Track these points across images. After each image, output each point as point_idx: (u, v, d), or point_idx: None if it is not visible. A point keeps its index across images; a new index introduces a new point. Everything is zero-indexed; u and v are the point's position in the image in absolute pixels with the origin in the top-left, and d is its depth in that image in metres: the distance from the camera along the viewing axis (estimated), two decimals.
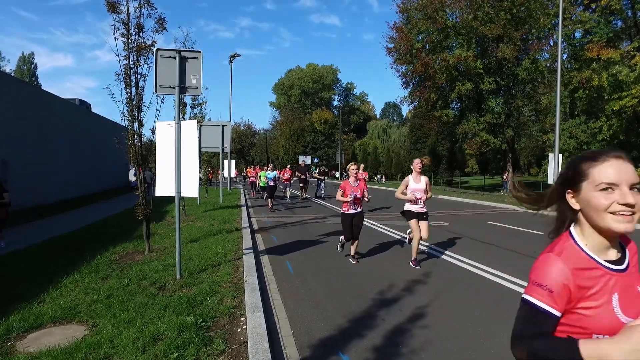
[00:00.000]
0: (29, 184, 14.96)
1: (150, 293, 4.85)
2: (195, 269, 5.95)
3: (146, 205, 7.17)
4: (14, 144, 14.39)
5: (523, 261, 6.93)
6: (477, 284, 5.55)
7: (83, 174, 20.97)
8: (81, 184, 20.67)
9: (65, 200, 17.69)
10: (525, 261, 6.92)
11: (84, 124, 22.05)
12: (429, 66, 27.53)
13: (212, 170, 32.33)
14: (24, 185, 14.33)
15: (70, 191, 19.06)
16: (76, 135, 20.41)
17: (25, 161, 14.98)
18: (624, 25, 26.41)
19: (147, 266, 6.21)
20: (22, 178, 14.38)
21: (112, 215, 13.10)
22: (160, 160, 5.51)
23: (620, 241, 1.20)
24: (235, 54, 25.60)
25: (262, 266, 6.43)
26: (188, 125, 5.45)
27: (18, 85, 16.32)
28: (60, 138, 18.37)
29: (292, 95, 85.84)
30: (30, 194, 15.02)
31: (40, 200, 15.76)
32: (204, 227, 10.28)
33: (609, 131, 24.21)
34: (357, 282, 5.57)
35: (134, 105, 6.85)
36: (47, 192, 16.64)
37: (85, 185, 21.28)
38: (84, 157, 21.13)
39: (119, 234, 9.17)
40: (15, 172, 14.04)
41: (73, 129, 20.11)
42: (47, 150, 16.92)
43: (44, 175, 16.49)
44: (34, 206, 14.90)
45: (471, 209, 16.50)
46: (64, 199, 17.94)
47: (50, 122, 17.36)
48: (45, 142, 16.80)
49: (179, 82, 5.40)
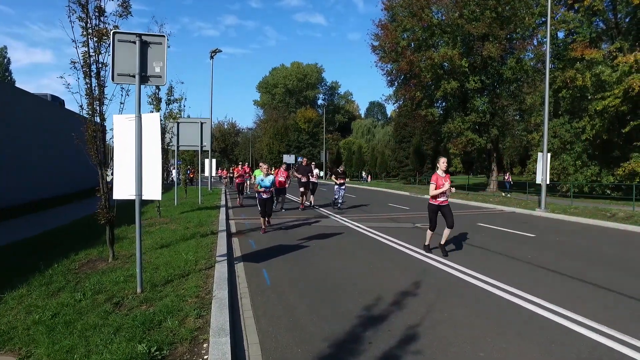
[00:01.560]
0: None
1: (104, 311, 4.21)
2: (160, 280, 5.31)
3: (109, 207, 6.51)
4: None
5: (517, 267, 6.50)
6: (471, 294, 5.07)
7: (56, 174, 19.90)
8: (54, 183, 19.61)
9: (36, 201, 16.67)
10: (519, 267, 6.49)
11: (57, 121, 20.94)
12: (414, 64, 27.22)
13: (194, 169, 31.42)
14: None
15: (42, 191, 18.02)
16: (48, 132, 19.33)
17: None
18: (604, 26, 26.55)
19: (107, 277, 5.54)
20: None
21: (85, 216, 12.23)
22: (119, 159, 4.85)
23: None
24: (217, 49, 24.81)
25: (236, 276, 5.82)
26: (150, 119, 4.81)
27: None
28: (29, 136, 17.31)
29: (276, 93, 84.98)
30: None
31: (7, 202, 14.76)
32: (178, 230, 9.60)
33: (592, 131, 24.27)
34: (341, 295, 5.01)
35: (95, 98, 6.18)
36: (14, 193, 15.62)
37: (59, 185, 20.21)
38: (57, 155, 20.05)
39: (86, 237, 8.41)
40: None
41: (44, 125, 19.03)
42: (14, 148, 15.89)
43: (11, 174, 15.47)
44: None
45: (458, 209, 16.14)
46: (34, 200, 16.92)
47: (16, 118, 16.32)
48: (10, 140, 15.77)
49: (139, 69, 4.76)
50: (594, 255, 7.62)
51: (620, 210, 15.29)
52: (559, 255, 7.49)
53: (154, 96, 12.02)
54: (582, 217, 13.19)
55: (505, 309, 4.55)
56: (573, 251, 7.94)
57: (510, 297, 4.93)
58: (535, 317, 4.32)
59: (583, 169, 25.35)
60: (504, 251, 7.75)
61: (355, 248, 8.01)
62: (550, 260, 7.04)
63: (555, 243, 8.81)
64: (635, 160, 22.79)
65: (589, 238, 9.71)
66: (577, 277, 5.89)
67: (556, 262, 6.86)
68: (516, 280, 5.65)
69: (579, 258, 7.32)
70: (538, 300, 4.80)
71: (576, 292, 5.20)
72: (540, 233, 10.05)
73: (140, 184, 4.81)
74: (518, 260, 7.02)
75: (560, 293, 5.13)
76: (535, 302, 4.76)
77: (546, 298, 4.87)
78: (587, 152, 25.29)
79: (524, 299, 4.85)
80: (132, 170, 4.79)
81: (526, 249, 8.05)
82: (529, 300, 4.81)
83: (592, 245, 8.72)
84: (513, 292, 5.14)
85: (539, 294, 5.04)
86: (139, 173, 4.78)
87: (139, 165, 4.77)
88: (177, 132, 15.46)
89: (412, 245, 8.18)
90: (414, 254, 7.49)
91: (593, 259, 7.26)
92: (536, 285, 5.42)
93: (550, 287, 5.42)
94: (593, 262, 7.04)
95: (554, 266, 6.54)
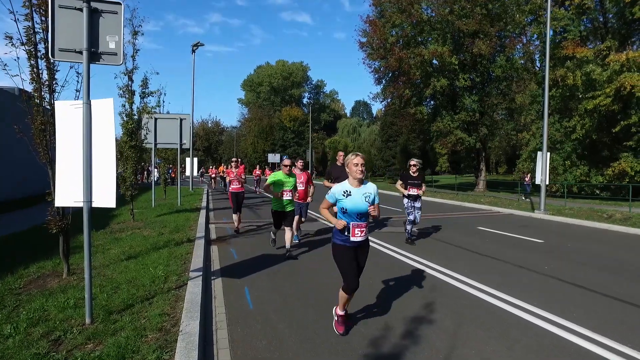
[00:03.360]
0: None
1: (34, 355, 3.23)
2: (118, 304, 4.34)
3: (63, 214, 5.49)
4: None
5: (539, 282, 5.71)
6: (499, 321, 4.25)
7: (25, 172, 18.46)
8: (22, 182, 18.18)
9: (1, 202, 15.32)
10: (541, 282, 5.71)
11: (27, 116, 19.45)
12: (403, 61, 26.51)
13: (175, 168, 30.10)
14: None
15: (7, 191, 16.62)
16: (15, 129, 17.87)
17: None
18: (591, 26, 26.33)
19: (54, 299, 4.54)
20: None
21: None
22: (62, 157, 3.86)
23: None
24: (198, 42, 23.65)
25: (212, 297, 4.87)
26: (102, 107, 3.83)
27: None
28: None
29: (261, 92, 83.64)
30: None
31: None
32: (151, 236, 8.57)
33: (582, 130, 23.99)
34: None
35: (43, 84, 5.16)
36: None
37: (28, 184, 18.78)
38: (28, 153, 18.58)
39: (46, 246, 7.28)
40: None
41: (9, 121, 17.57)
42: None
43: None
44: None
45: (451, 211, 15.46)
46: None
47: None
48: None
49: (88, 44, 3.78)
50: (613, 265, 6.91)
51: (617, 211, 14.84)
52: (579, 266, 6.75)
53: (126, 88, 10.87)
54: (580, 218, 12.66)
55: (548, 344, 3.74)
56: (592, 261, 7.18)
57: (547, 326, 4.12)
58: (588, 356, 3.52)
59: (572, 168, 25.08)
60: (517, 261, 6.98)
61: None
62: (572, 272, 6.29)
63: (568, 250, 8.10)
64: (625, 160, 22.56)
65: (601, 243, 9.06)
66: (613, 296, 5.14)
67: (579, 275, 6.11)
68: (542, 300, 4.86)
69: (604, 269, 6.59)
70: (583, 331, 4.00)
71: (622, 319, 4.42)
72: (548, 238, 9.35)
73: (90, 188, 3.84)
74: (537, 272, 6.24)
75: (603, 318, 4.36)
76: (580, 333, 3.97)
77: (586, 325, 4.09)
78: (577, 152, 25.01)
79: (562, 327, 4.06)
80: (80, 171, 3.82)
81: (539, 257, 7.30)
82: (570, 330, 4.01)
83: (608, 252, 8.05)
84: (545, 316, 4.34)
85: (575, 319, 4.26)
86: (87, 174, 3.80)
87: (87, 164, 3.79)
88: (154, 129, 14.35)
89: (412, 254, 7.36)
90: (416, 264, 6.66)
91: (618, 270, 6.53)
92: (568, 308, 4.64)
93: (586, 308, 4.64)
94: (618, 273, 6.32)
95: (581, 281, 5.76)
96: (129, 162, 10.38)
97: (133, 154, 10.46)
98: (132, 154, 10.44)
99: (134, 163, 10.58)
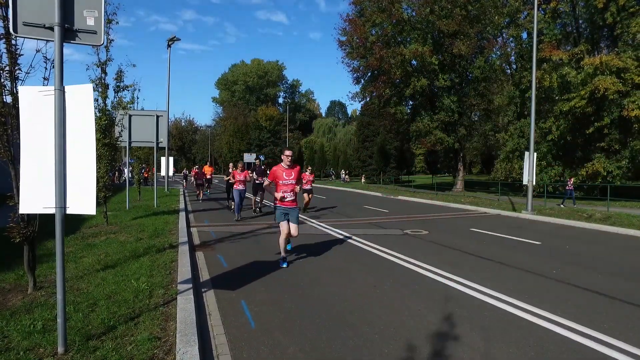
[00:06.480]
0: None
1: None
2: (96, 326, 3.71)
3: (28, 221, 4.77)
4: None
5: (551, 287, 5.42)
6: (527, 335, 3.88)
7: None
8: None
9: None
10: (554, 287, 5.41)
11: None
12: (384, 60, 26.34)
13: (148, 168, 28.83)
14: None
15: None
16: None
17: None
18: (564, 30, 26.99)
19: (17, 322, 3.84)
20: None
21: None
22: (28, 154, 3.21)
23: None
24: (174, 37, 22.67)
25: (207, 314, 4.29)
26: (79, 94, 3.20)
27: None
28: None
29: (236, 91, 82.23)
30: None
31: None
32: (128, 242, 7.83)
33: (557, 131, 24.50)
34: (357, 341, 3.65)
35: (2, 68, 4.44)
36: None
37: None
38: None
39: (5, 255, 6.41)
40: None
41: None
42: None
43: None
44: None
45: (437, 212, 15.27)
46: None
47: None
48: None
49: (60, 18, 3.15)
50: (616, 267, 6.75)
51: (595, 210, 15.05)
52: (586, 269, 6.54)
53: (99, 81, 10.04)
54: (562, 218, 12.75)
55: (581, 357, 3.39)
56: (595, 263, 7.00)
57: (577, 337, 3.79)
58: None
59: (547, 168, 25.60)
60: (522, 265, 6.70)
61: (347, 264, 6.67)
62: (580, 275, 6.07)
63: (568, 252, 7.94)
64: (598, 161, 23.16)
65: (595, 244, 8.99)
66: (627, 300, 4.89)
67: (592, 281, 5.88)
68: (562, 307, 4.56)
69: (616, 275, 6.40)
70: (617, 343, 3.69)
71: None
72: (544, 240, 9.19)
73: (64, 192, 3.20)
74: (546, 277, 5.97)
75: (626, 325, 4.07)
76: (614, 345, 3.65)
77: (632, 342, 3.78)
78: (552, 153, 25.54)
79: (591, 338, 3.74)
80: (51, 171, 3.18)
81: (542, 260, 7.07)
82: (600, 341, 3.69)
83: (607, 253, 7.95)
84: (572, 327, 4.02)
85: (613, 332, 3.95)
86: (61, 175, 3.17)
87: (61, 163, 3.16)
88: (129, 126, 13.45)
89: (412, 259, 6.98)
90: (420, 270, 6.27)
91: (627, 273, 6.36)
92: (593, 315, 4.35)
93: (607, 315, 4.35)
94: (629, 276, 6.14)
95: (594, 285, 5.51)
96: (102, 162, 9.58)
97: (107, 152, 9.67)
98: (106, 153, 9.65)
99: (107, 162, 9.80)
